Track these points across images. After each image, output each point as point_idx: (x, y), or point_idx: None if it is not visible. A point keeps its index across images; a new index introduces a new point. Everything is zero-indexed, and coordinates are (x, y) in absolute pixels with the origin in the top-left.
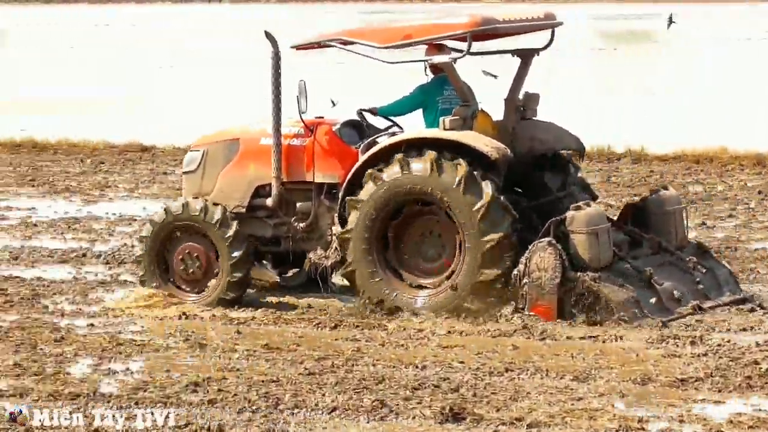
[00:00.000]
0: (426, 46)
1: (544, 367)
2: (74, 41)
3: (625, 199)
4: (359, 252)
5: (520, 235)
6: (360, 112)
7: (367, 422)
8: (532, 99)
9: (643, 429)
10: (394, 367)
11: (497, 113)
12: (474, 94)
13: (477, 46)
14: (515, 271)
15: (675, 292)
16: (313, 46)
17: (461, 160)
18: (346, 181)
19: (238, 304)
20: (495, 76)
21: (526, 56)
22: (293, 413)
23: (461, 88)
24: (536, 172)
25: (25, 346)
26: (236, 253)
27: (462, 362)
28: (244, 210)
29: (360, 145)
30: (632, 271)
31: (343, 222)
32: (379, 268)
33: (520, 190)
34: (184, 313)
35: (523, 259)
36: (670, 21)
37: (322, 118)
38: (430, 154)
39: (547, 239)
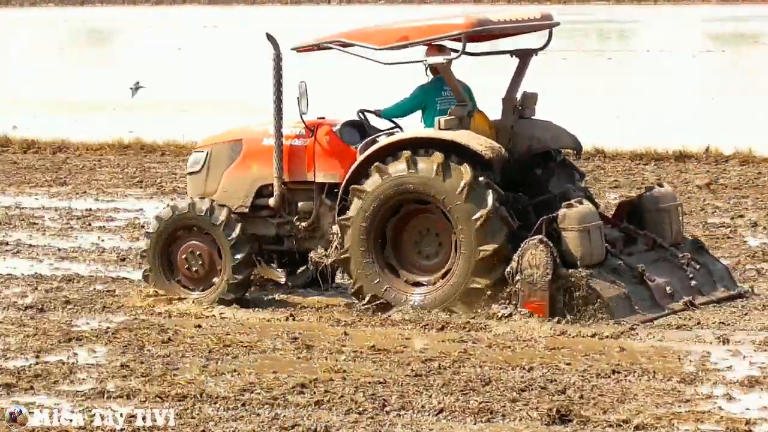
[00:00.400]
0: (426, 47)
1: (651, 369)
2: (182, 43)
3: (732, 201)
4: (356, 240)
5: (519, 234)
6: (361, 113)
7: (474, 424)
8: (530, 98)
9: None
10: (500, 368)
11: (496, 113)
12: (472, 94)
13: (476, 47)
14: (508, 269)
15: (667, 288)
16: (313, 48)
17: (467, 165)
18: (345, 180)
19: (237, 304)
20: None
21: (524, 56)
22: (400, 415)
23: (456, 88)
24: (534, 171)
25: (133, 347)
26: (239, 255)
27: (569, 364)
28: (247, 210)
29: (359, 146)
30: (625, 267)
31: (342, 212)
32: (375, 261)
33: (519, 188)
34: (291, 315)
35: (515, 257)
36: (136, 88)
37: (323, 118)
38: (438, 156)
39: (538, 236)
